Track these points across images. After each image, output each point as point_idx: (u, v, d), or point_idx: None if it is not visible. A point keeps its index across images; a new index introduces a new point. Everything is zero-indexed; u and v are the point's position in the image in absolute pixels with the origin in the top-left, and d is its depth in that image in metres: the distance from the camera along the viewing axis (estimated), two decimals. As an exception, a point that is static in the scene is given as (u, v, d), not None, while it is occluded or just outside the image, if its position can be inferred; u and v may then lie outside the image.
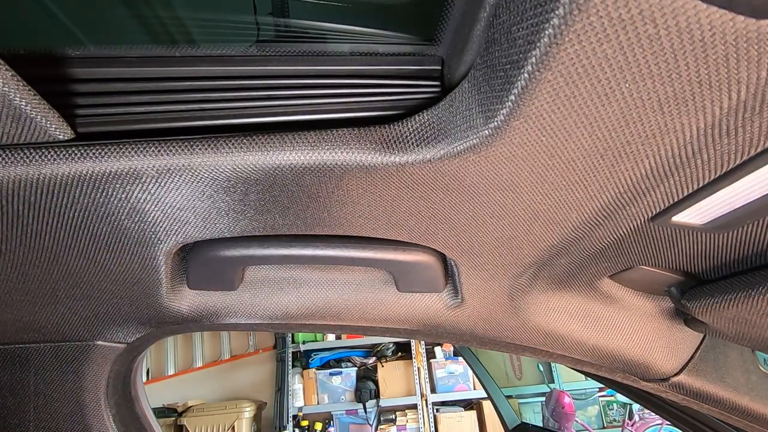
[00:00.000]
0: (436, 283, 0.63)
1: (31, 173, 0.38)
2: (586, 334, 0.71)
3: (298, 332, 1.97)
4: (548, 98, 0.30)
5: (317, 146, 0.39)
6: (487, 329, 0.72)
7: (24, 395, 0.73)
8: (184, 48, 0.42)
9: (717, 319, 0.57)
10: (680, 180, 0.38)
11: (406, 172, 0.40)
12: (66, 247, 0.48)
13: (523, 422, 1.96)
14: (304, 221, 0.51)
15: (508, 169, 0.38)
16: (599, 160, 0.36)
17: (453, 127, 0.37)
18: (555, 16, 0.24)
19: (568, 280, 0.64)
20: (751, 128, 0.31)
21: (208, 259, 0.58)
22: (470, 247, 0.54)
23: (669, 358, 0.74)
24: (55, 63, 0.38)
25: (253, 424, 3.59)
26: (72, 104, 0.39)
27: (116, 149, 0.39)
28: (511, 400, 3.58)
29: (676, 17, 0.23)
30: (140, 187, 0.42)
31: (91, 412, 0.76)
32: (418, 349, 3.80)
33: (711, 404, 0.79)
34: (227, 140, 0.39)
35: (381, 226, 0.51)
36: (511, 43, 0.29)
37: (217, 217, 0.48)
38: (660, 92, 0.29)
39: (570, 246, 0.52)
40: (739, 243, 0.47)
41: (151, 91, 0.41)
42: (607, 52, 0.26)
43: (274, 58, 0.42)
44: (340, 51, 0.43)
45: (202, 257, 0.58)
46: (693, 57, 0.26)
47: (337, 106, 0.42)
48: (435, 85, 0.43)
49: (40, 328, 0.64)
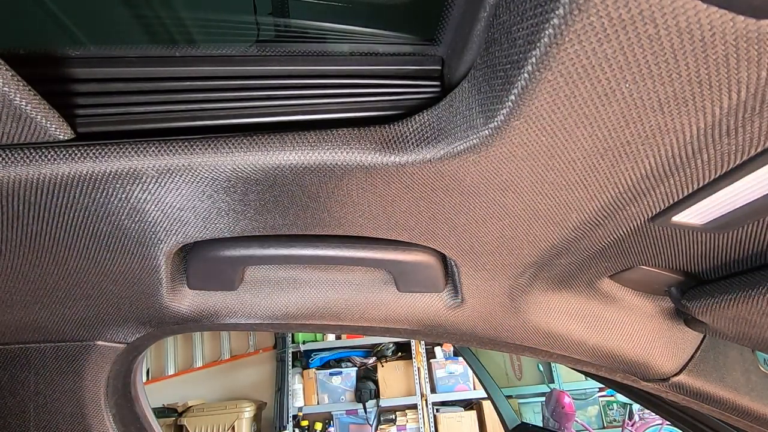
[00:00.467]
0: (436, 283, 0.63)
1: (31, 173, 0.38)
2: (586, 334, 0.71)
3: (298, 332, 1.97)
4: (548, 98, 0.30)
5: (317, 146, 0.39)
6: (488, 329, 0.72)
7: (24, 395, 0.73)
8: (184, 48, 0.42)
9: (717, 319, 0.57)
10: (680, 180, 0.38)
11: (406, 172, 0.40)
12: (66, 247, 0.48)
13: (523, 422, 1.96)
14: (304, 221, 0.51)
15: (508, 169, 0.38)
16: (599, 160, 0.36)
17: (453, 127, 0.37)
18: (555, 16, 0.24)
19: (568, 280, 0.64)
20: (751, 128, 0.31)
21: (208, 259, 0.58)
22: (470, 247, 0.54)
23: (669, 358, 0.74)
24: (55, 63, 0.38)
25: (253, 424, 3.59)
26: (72, 104, 0.39)
27: (116, 149, 0.39)
28: (511, 400, 3.58)
29: (676, 17, 0.23)
30: (140, 187, 0.42)
31: (91, 412, 0.76)
32: (418, 349, 3.80)
33: (711, 404, 0.79)
34: (227, 140, 0.39)
35: (381, 226, 0.51)
36: (511, 43, 0.29)
37: (217, 217, 0.48)
38: (660, 92, 0.29)
39: (570, 246, 0.52)
40: (739, 243, 0.47)
41: (151, 91, 0.41)
42: (607, 52, 0.26)
43: (274, 58, 0.42)
44: (340, 51, 0.43)
45: (202, 257, 0.58)
46: (693, 57, 0.26)
47: (337, 106, 0.42)
48: (435, 85, 0.43)
49: (40, 328, 0.64)
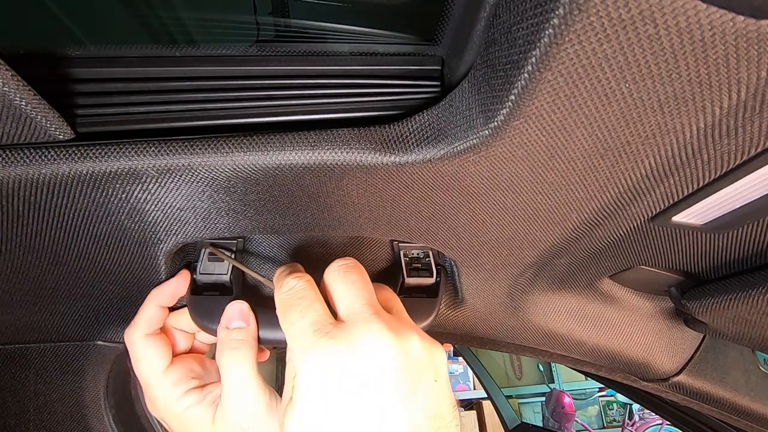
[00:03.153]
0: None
1: (31, 173, 0.38)
2: (586, 334, 0.71)
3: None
4: (548, 98, 0.30)
5: (317, 146, 0.39)
6: (487, 329, 0.72)
7: (24, 395, 0.73)
8: (184, 48, 0.42)
9: (717, 319, 0.57)
10: (680, 180, 0.38)
11: (406, 172, 0.40)
12: (66, 247, 0.48)
13: (523, 422, 1.96)
14: (305, 221, 0.51)
15: (508, 169, 0.38)
16: (599, 160, 0.36)
17: (453, 127, 0.37)
18: (555, 16, 0.24)
19: (568, 280, 0.64)
20: (751, 128, 0.31)
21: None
22: (470, 247, 0.54)
23: (669, 358, 0.74)
24: (55, 63, 0.38)
25: (253, 424, 3.59)
26: (72, 104, 0.39)
27: (116, 149, 0.39)
28: (511, 400, 3.58)
29: (676, 17, 0.23)
30: (140, 187, 0.42)
31: (91, 412, 0.76)
32: (418, 349, 3.79)
33: (711, 404, 0.79)
34: (227, 140, 0.39)
35: (381, 226, 0.51)
36: (511, 43, 0.29)
37: (217, 217, 0.48)
38: (660, 92, 0.29)
39: (570, 246, 0.52)
40: (739, 243, 0.47)
41: (151, 91, 0.41)
42: (607, 52, 0.26)
43: (274, 58, 0.42)
44: (340, 51, 0.43)
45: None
46: (693, 57, 0.26)
47: (337, 106, 0.42)
48: (435, 85, 0.43)
49: (40, 328, 0.64)
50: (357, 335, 0.39)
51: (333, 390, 0.37)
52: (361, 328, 0.39)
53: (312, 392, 0.37)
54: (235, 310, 0.53)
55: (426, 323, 0.58)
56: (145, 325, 0.54)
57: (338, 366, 0.38)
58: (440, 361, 0.42)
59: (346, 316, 0.42)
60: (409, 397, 0.38)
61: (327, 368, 0.38)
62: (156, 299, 0.55)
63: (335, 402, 0.37)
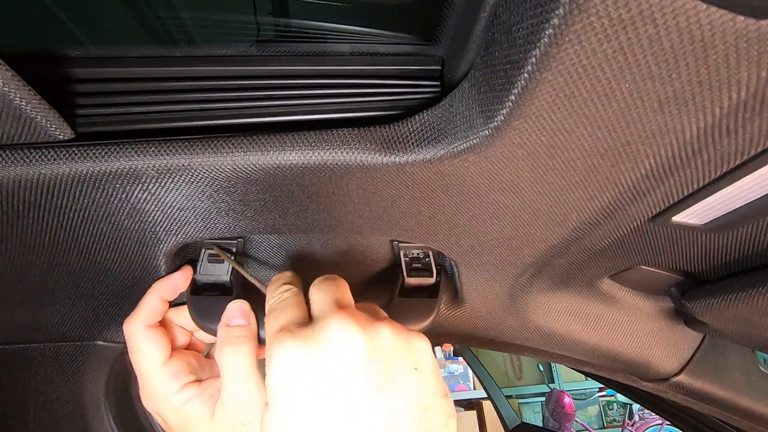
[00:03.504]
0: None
1: (31, 173, 0.38)
2: (586, 334, 0.71)
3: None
4: (548, 98, 0.30)
5: (317, 146, 0.39)
6: (487, 329, 0.72)
7: (24, 395, 0.73)
8: (184, 48, 0.42)
9: (717, 319, 0.57)
10: (680, 180, 0.38)
11: (406, 172, 0.40)
12: (66, 247, 0.48)
13: (523, 422, 1.96)
14: (305, 221, 0.51)
15: (509, 169, 0.38)
16: (599, 160, 0.36)
17: (453, 127, 0.37)
18: (555, 16, 0.24)
19: (568, 280, 0.64)
20: (751, 128, 0.31)
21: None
22: (470, 247, 0.54)
23: (669, 358, 0.74)
24: (55, 63, 0.38)
25: (253, 424, 3.59)
26: (72, 104, 0.39)
27: (116, 149, 0.39)
28: (511, 400, 3.58)
29: (676, 17, 0.23)
30: (140, 187, 0.42)
31: (91, 412, 0.76)
32: (418, 349, 3.79)
33: (711, 404, 0.79)
34: (227, 140, 0.39)
35: (381, 226, 0.51)
36: (511, 43, 0.29)
37: (217, 217, 0.48)
38: (660, 92, 0.29)
39: (570, 246, 0.52)
40: (739, 243, 0.47)
41: (151, 91, 0.41)
42: (607, 52, 0.26)
43: (274, 58, 0.42)
44: (340, 51, 0.43)
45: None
46: (693, 57, 0.25)
47: (337, 106, 0.42)
48: (435, 85, 0.43)
49: (40, 328, 0.64)
50: (320, 329, 0.39)
51: (297, 384, 0.37)
52: (325, 322, 0.40)
53: (279, 389, 0.38)
54: (236, 309, 0.53)
55: (426, 323, 0.58)
56: (146, 316, 0.54)
57: (300, 360, 0.38)
58: (421, 350, 0.41)
59: (314, 317, 0.43)
60: (385, 384, 0.37)
61: (290, 363, 0.38)
62: (159, 291, 0.55)
63: (303, 395, 0.37)
